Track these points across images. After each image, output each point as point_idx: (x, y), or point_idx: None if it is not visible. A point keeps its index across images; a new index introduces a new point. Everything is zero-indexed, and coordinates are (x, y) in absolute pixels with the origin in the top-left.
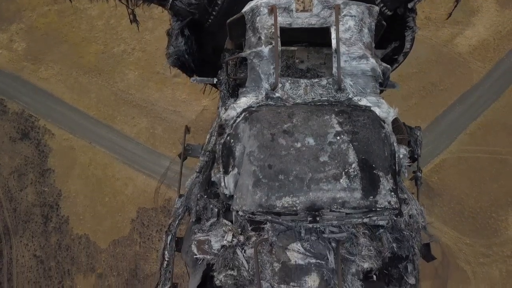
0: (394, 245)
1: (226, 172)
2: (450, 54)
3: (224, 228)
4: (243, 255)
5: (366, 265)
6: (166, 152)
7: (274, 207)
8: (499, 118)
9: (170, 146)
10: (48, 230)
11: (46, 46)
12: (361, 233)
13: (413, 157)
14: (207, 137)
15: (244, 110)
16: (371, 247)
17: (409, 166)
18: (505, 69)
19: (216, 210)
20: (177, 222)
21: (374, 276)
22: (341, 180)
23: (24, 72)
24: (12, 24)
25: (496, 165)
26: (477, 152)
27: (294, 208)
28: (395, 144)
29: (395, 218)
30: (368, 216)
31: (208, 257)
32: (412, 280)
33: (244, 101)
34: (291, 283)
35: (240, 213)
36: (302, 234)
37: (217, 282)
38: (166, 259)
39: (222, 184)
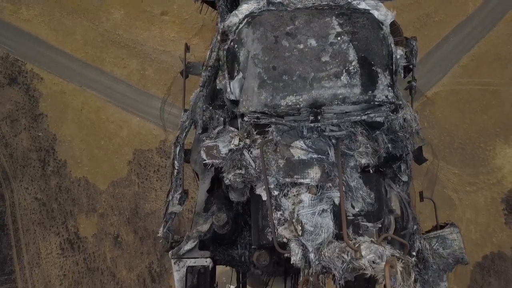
0: (389, 145)
1: (231, 78)
2: None
3: (230, 134)
4: (250, 156)
5: (363, 161)
6: (158, 94)
7: (279, 106)
8: (492, 49)
9: (162, 87)
10: (46, 174)
11: None
12: (359, 132)
13: (408, 67)
14: (208, 53)
15: (246, 16)
16: (368, 145)
17: (404, 77)
18: None
19: (222, 119)
20: (184, 134)
21: (371, 171)
22: (341, 78)
23: (4, 14)
24: None
25: (487, 97)
26: (469, 84)
27: (298, 106)
28: (392, 45)
29: (391, 114)
30: (366, 113)
31: (217, 161)
32: (404, 178)
33: (245, 8)
34: (295, 176)
35: (246, 118)
36: (305, 133)
37: (227, 181)
38: (176, 168)
39: (228, 90)
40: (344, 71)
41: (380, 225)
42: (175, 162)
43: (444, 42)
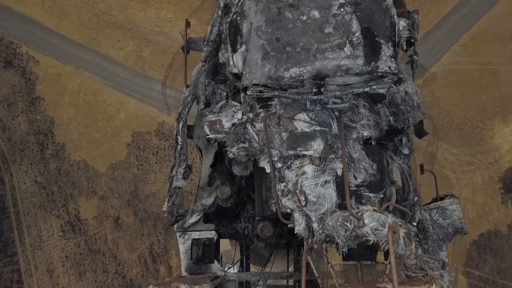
0: (391, 118)
1: (234, 50)
2: None
3: (233, 108)
4: (253, 130)
5: (365, 133)
6: (155, 75)
7: (283, 78)
8: (492, 27)
9: (159, 68)
10: (45, 157)
11: None
12: (361, 105)
13: (409, 41)
14: (208, 28)
15: None
16: (370, 118)
17: (406, 51)
18: None
19: (225, 93)
20: (186, 110)
21: (373, 143)
22: (345, 49)
23: None
24: None
25: (486, 76)
26: (468, 63)
27: (302, 77)
28: (395, 16)
29: (393, 86)
30: (369, 85)
31: (220, 136)
32: (406, 151)
33: None
34: (298, 148)
35: (249, 92)
36: (308, 106)
37: (230, 155)
38: (180, 143)
39: (231, 63)
40: (347, 42)
41: (382, 196)
42: (178, 137)
43: (444, 21)
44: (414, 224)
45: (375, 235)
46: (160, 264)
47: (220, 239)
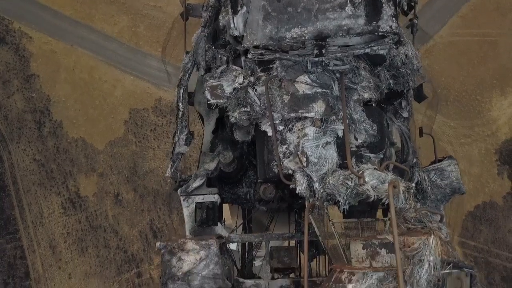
0: (391, 81)
1: (234, 12)
2: None
3: (234, 73)
4: (254, 93)
5: (366, 95)
6: (151, 51)
7: (284, 38)
8: None
9: (154, 44)
10: (43, 135)
11: None
12: (362, 67)
13: (409, 5)
14: None
15: None
16: (370, 80)
17: (406, 15)
18: None
19: (225, 58)
20: (187, 76)
21: (373, 105)
22: (346, 8)
23: None
24: None
25: (485, 48)
26: (467, 35)
27: (303, 38)
28: None
29: (394, 47)
30: (369, 46)
31: (221, 101)
32: (405, 114)
33: None
34: (300, 111)
35: (250, 55)
36: (309, 67)
37: (232, 120)
38: (181, 109)
39: (232, 25)
40: (348, 1)
41: (382, 156)
42: (179, 104)
43: None
44: (413, 185)
45: (376, 190)
46: (161, 239)
47: (222, 210)
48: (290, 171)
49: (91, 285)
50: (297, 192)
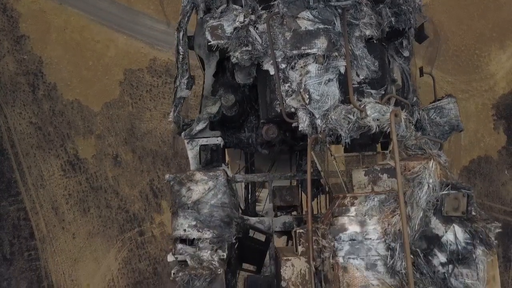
0: (392, 19)
1: None
2: None
3: (234, 12)
4: (256, 32)
5: (368, 32)
6: (144, 9)
7: None
8: None
9: (147, 1)
10: (38, 98)
11: None
12: (364, 3)
13: None
14: None
15: None
16: (372, 16)
17: None
18: None
19: None
20: (186, 19)
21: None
22: None
23: None
24: None
25: (486, 0)
26: None
27: None
28: None
29: None
30: None
31: (222, 41)
32: (406, 53)
33: None
34: (302, 47)
35: None
36: (311, 3)
37: (233, 60)
38: (181, 53)
39: None
40: None
41: (383, 92)
42: (179, 47)
43: None
44: (413, 123)
45: (378, 121)
46: (161, 198)
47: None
48: (292, 109)
49: (95, 244)
50: (299, 129)
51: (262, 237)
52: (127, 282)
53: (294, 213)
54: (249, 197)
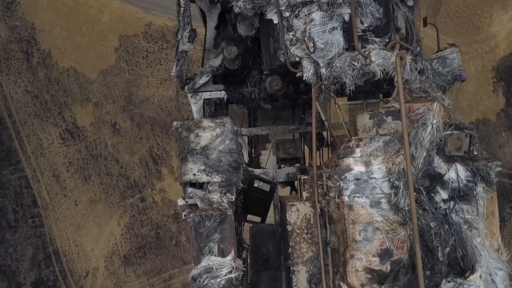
0: None
1: None
2: None
3: None
4: None
5: None
6: None
7: None
8: None
9: None
10: (32, 65)
11: None
12: None
13: None
14: None
15: None
16: None
17: None
18: None
19: None
20: None
21: None
22: None
23: None
24: None
25: None
26: None
27: None
28: None
29: None
30: None
31: None
32: (410, 3)
33: None
34: None
35: None
36: None
37: (236, 10)
38: (182, 5)
39: None
40: None
41: (387, 40)
42: (180, 0)
43: None
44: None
45: (383, 64)
46: (161, 165)
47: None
48: (297, 59)
49: (98, 210)
50: (304, 78)
51: (266, 190)
52: (130, 247)
53: (297, 165)
54: (252, 152)
